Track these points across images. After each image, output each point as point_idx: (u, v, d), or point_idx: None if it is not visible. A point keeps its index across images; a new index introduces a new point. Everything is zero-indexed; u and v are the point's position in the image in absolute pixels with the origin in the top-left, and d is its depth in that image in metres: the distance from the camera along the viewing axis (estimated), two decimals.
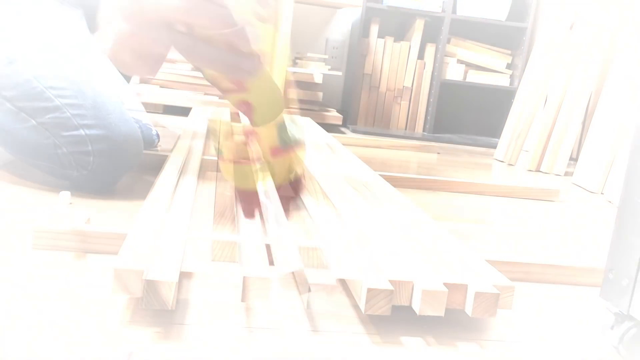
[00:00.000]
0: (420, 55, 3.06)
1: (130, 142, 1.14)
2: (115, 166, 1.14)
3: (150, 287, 0.64)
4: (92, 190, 1.17)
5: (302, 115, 2.58)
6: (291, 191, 0.84)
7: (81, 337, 0.63)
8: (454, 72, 3.06)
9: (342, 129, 2.87)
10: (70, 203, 1.10)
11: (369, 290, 0.69)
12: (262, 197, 0.74)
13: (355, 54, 2.99)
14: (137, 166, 1.20)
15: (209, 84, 0.70)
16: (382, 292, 0.69)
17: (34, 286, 0.74)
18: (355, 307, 0.79)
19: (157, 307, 0.65)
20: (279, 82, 0.70)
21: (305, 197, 1.17)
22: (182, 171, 1.13)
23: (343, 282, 0.87)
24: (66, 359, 0.58)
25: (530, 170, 2.28)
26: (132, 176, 1.35)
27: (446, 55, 3.06)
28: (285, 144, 0.74)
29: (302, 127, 0.75)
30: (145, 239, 0.75)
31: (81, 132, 1.11)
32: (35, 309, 0.68)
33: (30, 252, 0.85)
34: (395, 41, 3.05)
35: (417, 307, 0.70)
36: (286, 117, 0.74)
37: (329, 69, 2.74)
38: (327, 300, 0.80)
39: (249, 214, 0.80)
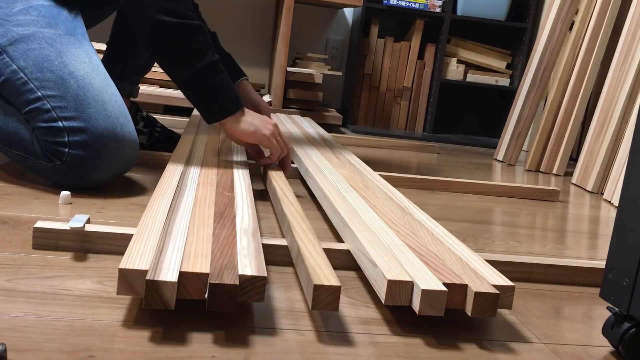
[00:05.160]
0: (420, 55, 3.06)
1: (107, 137, 1.13)
2: (92, 160, 1.13)
3: (153, 287, 0.64)
4: (70, 185, 1.16)
5: (302, 115, 2.58)
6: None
7: (81, 336, 0.63)
8: (454, 72, 3.06)
9: (342, 129, 2.87)
10: (71, 203, 1.10)
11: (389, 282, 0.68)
12: None
13: (355, 54, 2.99)
14: (123, 164, 1.18)
15: None
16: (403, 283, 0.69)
17: (35, 286, 0.74)
18: (355, 306, 0.79)
19: (160, 307, 0.65)
20: None
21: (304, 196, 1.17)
22: (183, 171, 1.13)
23: (344, 283, 0.87)
24: (67, 358, 0.58)
25: (529, 170, 2.28)
26: (133, 176, 1.36)
27: (446, 55, 3.06)
28: None
29: None
30: (149, 240, 0.75)
31: (59, 124, 1.12)
32: (36, 309, 0.68)
33: (30, 252, 0.85)
34: (395, 41, 3.05)
35: (417, 307, 0.70)
36: None
37: (329, 69, 2.74)
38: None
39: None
